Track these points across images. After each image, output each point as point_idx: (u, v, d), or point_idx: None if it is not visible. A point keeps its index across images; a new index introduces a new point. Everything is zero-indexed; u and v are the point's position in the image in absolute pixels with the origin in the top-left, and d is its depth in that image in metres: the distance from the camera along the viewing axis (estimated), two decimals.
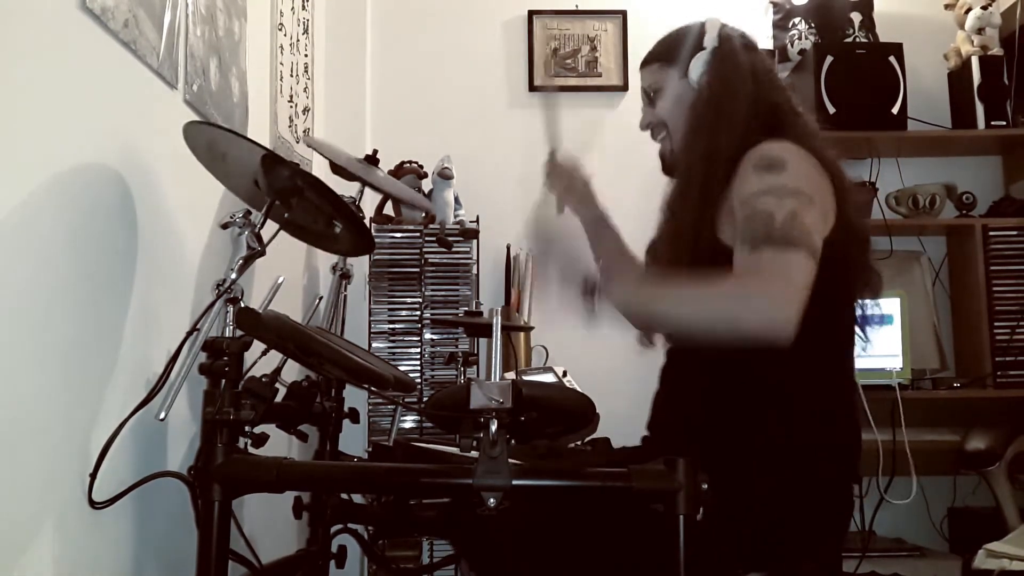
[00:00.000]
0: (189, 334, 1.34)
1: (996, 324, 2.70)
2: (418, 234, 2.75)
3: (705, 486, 1.14)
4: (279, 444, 1.51)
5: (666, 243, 1.44)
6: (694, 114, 1.42)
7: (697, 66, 1.43)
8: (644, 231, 1.54)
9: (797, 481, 1.28)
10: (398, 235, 2.75)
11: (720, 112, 1.38)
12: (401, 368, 2.55)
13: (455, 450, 1.57)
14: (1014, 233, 2.75)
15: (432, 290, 2.74)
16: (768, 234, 1.20)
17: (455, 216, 2.76)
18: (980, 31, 2.89)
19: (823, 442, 1.31)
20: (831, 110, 2.76)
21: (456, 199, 2.79)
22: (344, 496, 1.85)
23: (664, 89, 1.48)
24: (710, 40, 1.43)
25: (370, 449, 2.41)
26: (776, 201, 1.21)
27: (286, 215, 1.52)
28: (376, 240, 2.56)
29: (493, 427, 1.12)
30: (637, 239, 1.59)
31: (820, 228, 1.23)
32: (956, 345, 2.91)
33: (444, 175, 2.74)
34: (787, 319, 1.14)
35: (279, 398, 1.40)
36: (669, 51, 1.48)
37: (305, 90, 2.65)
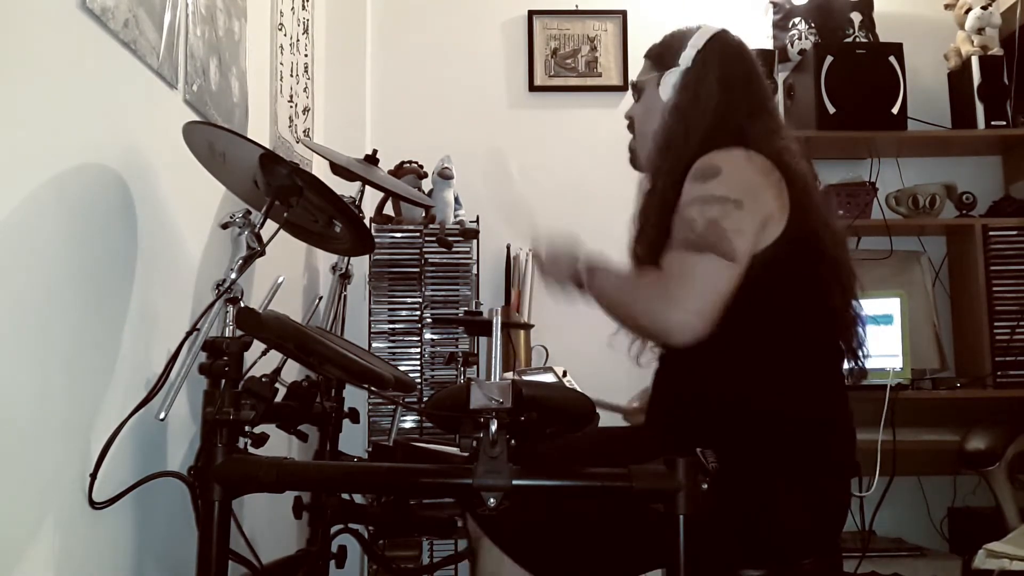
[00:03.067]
0: (189, 334, 1.34)
1: (996, 324, 2.70)
2: (418, 234, 2.75)
3: (705, 486, 1.14)
4: (279, 444, 1.51)
5: (643, 250, 1.46)
6: (660, 128, 1.46)
7: (666, 86, 1.47)
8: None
9: (792, 479, 1.28)
10: (398, 235, 2.75)
11: (672, 138, 1.42)
12: (401, 368, 2.55)
13: (455, 450, 1.57)
14: (1014, 233, 2.75)
15: (432, 290, 2.74)
16: (684, 238, 1.26)
17: (455, 216, 2.76)
18: (980, 31, 2.89)
19: (816, 440, 1.31)
20: (831, 110, 2.76)
21: (456, 199, 2.79)
22: (344, 496, 1.85)
23: (644, 91, 1.52)
24: (685, 58, 1.46)
25: (370, 449, 2.41)
26: (699, 209, 1.27)
27: (286, 215, 1.52)
28: (376, 240, 2.56)
29: (493, 427, 1.12)
30: None
31: (749, 231, 1.26)
32: (956, 345, 2.91)
33: (444, 175, 2.74)
34: (678, 320, 1.21)
35: (279, 398, 1.40)
36: (660, 53, 1.52)
37: (305, 90, 2.65)
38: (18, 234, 1.12)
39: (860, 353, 1.39)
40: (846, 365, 1.39)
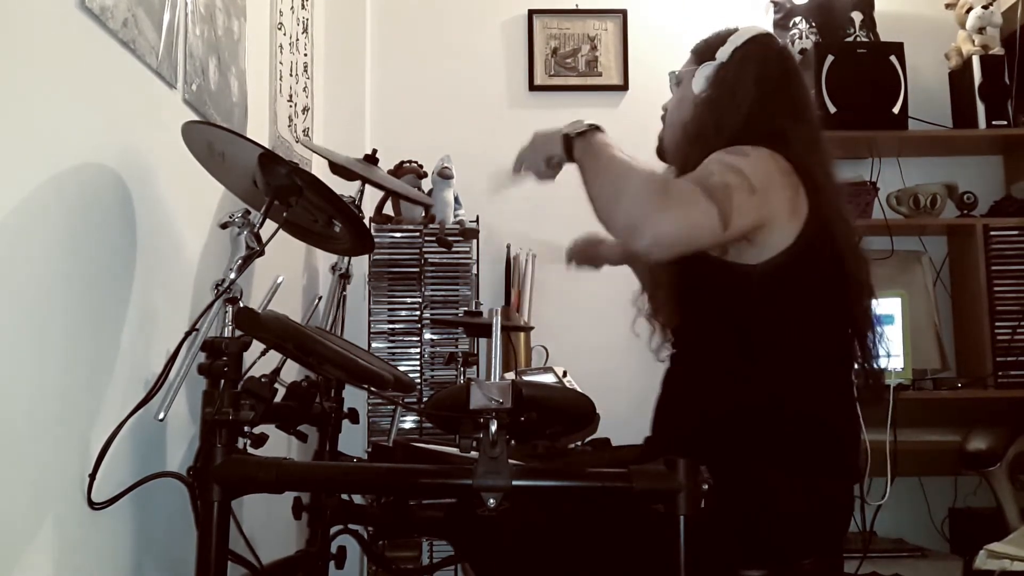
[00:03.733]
0: (188, 334, 1.33)
1: (997, 324, 2.70)
2: (418, 234, 2.74)
3: (706, 486, 1.14)
4: (279, 444, 1.51)
5: None
6: (691, 119, 1.44)
7: (700, 78, 1.46)
8: None
9: (796, 480, 1.28)
10: (398, 235, 2.75)
11: (702, 129, 1.40)
12: (401, 368, 2.55)
13: (455, 450, 1.57)
14: (1015, 233, 2.75)
15: (432, 290, 2.73)
16: (700, 178, 1.24)
17: (455, 216, 2.76)
18: (981, 30, 2.89)
19: (821, 442, 1.31)
20: (832, 110, 2.76)
21: (456, 199, 2.78)
22: (344, 497, 1.85)
23: (682, 81, 1.51)
24: (723, 53, 1.44)
25: (370, 449, 2.41)
26: (722, 169, 1.25)
27: (285, 215, 1.51)
28: (376, 240, 2.55)
29: (493, 427, 1.12)
30: None
31: (749, 215, 1.24)
32: (957, 345, 2.91)
33: (444, 175, 2.74)
34: (656, 231, 1.18)
35: (278, 398, 1.39)
36: (700, 49, 1.50)
37: (304, 89, 2.64)
38: (17, 234, 1.12)
39: (873, 357, 1.39)
40: (857, 367, 1.38)
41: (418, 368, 2.70)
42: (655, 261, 1.20)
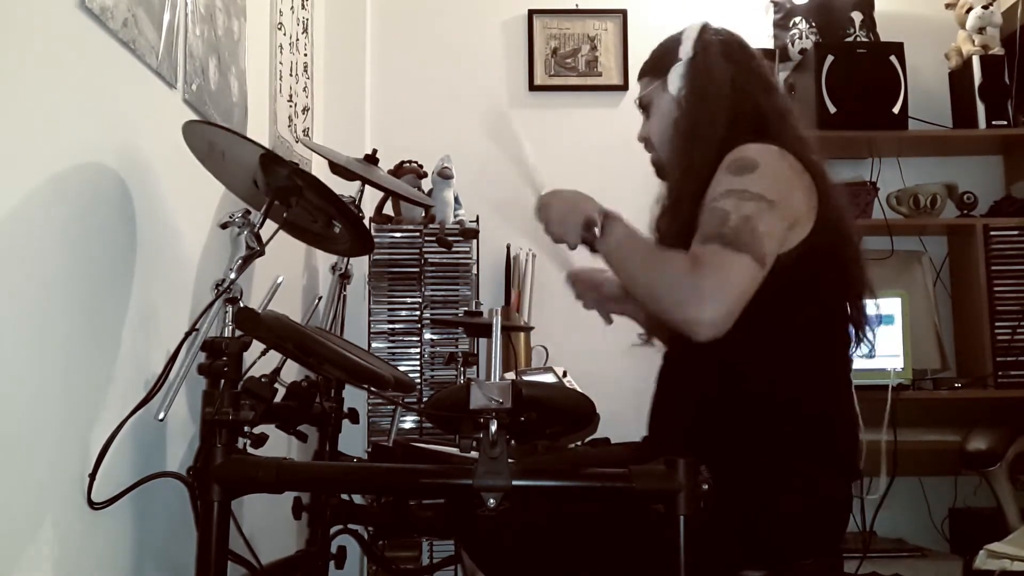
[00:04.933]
0: (188, 334, 1.33)
1: (997, 324, 2.70)
2: (418, 234, 2.74)
3: (706, 486, 1.14)
4: (279, 444, 1.51)
5: (666, 226, 1.45)
6: (675, 129, 1.44)
7: (674, 79, 1.45)
8: (644, 231, 1.53)
9: (795, 480, 1.28)
10: (398, 235, 2.75)
11: (697, 125, 1.40)
12: (401, 368, 2.55)
13: (455, 450, 1.57)
14: (1015, 233, 2.74)
15: (432, 290, 2.73)
16: (719, 232, 1.22)
17: (455, 216, 2.76)
18: (981, 30, 2.88)
19: (820, 441, 1.31)
20: (832, 110, 2.75)
21: (456, 199, 2.78)
22: (344, 497, 1.85)
23: (652, 103, 1.51)
24: (684, 51, 1.45)
25: (370, 449, 2.41)
26: (735, 203, 1.24)
27: (285, 215, 1.51)
28: (376, 240, 2.56)
29: (493, 427, 1.12)
30: None
31: (778, 234, 1.24)
32: (957, 345, 2.91)
33: (444, 175, 2.74)
34: (707, 317, 1.17)
35: (278, 398, 1.39)
36: (655, 63, 1.51)
37: (304, 89, 2.64)
38: (16, 234, 1.12)
39: (867, 338, 1.39)
40: (854, 348, 1.39)
41: (418, 368, 2.70)
42: (721, 335, 1.19)
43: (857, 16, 2.99)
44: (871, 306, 1.39)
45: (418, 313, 2.72)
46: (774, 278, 1.25)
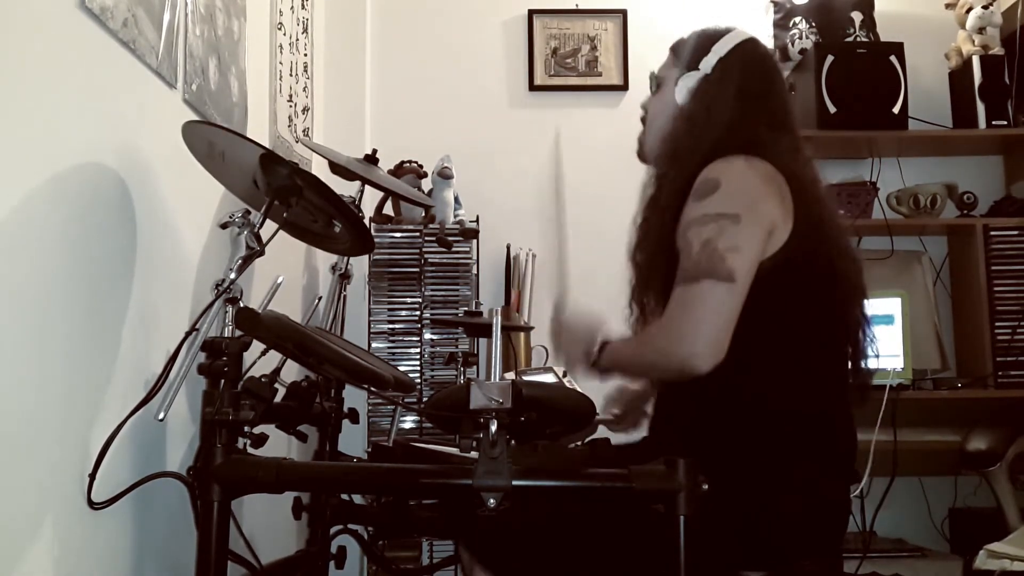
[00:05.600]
0: (188, 334, 1.33)
1: (997, 324, 2.70)
2: (418, 234, 2.74)
3: (706, 487, 1.14)
4: (279, 444, 1.51)
5: (643, 259, 1.45)
6: (670, 132, 1.44)
7: (685, 84, 1.44)
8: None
9: (795, 480, 1.28)
10: (398, 235, 2.75)
11: (691, 141, 1.39)
12: (401, 368, 2.55)
13: (455, 450, 1.57)
14: (1015, 233, 2.74)
15: (432, 290, 2.73)
16: (683, 271, 1.26)
17: (455, 216, 2.76)
18: (981, 30, 2.89)
19: (819, 441, 1.31)
20: (832, 110, 2.75)
21: (456, 199, 2.78)
22: (344, 496, 1.85)
23: (663, 84, 1.50)
24: (707, 64, 1.43)
25: (370, 449, 2.41)
26: (696, 231, 1.26)
27: (285, 215, 1.51)
28: (376, 240, 2.56)
29: (493, 427, 1.12)
30: None
31: (746, 244, 1.25)
32: (957, 345, 2.91)
33: (444, 175, 2.74)
34: (695, 351, 1.21)
35: (279, 398, 1.39)
36: (684, 50, 1.48)
37: (304, 89, 2.64)
38: (16, 234, 1.12)
39: (864, 357, 1.39)
40: (851, 367, 1.39)
41: (418, 368, 2.70)
42: (719, 361, 1.21)
43: (857, 16, 2.99)
44: (866, 304, 1.39)
45: (418, 313, 2.72)
46: (763, 283, 1.25)
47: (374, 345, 2.69)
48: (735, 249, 1.23)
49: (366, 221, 2.59)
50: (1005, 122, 2.81)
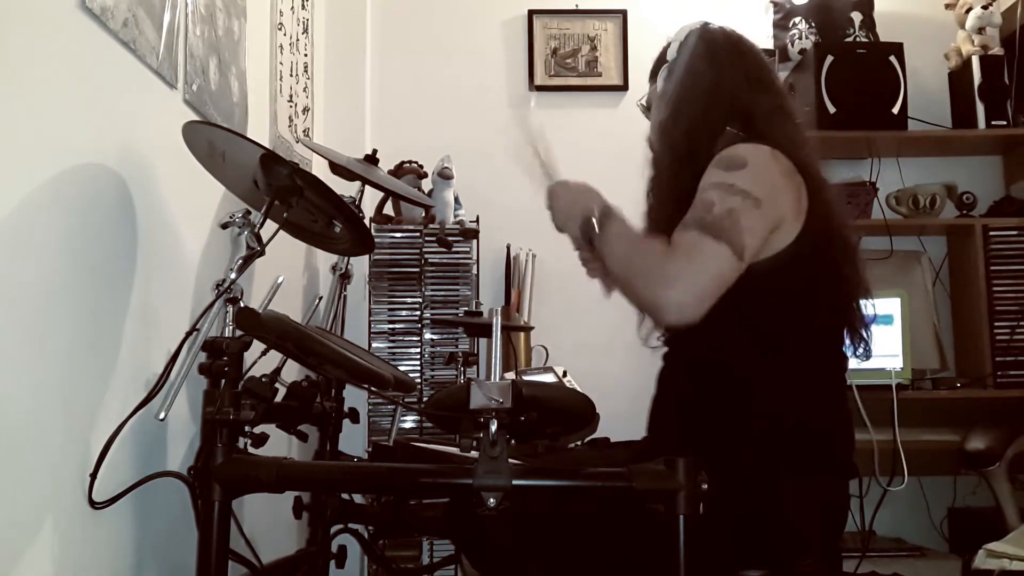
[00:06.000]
0: (189, 334, 1.34)
1: (996, 324, 2.70)
2: (418, 234, 2.74)
3: (705, 486, 1.14)
4: (279, 444, 1.51)
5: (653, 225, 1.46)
6: (658, 131, 1.46)
7: (659, 82, 1.48)
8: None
9: (794, 480, 1.28)
10: (398, 235, 2.75)
11: (671, 127, 1.41)
12: (401, 368, 2.55)
13: (455, 450, 1.57)
14: (1014, 233, 2.75)
15: (432, 290, 2.73)
16: (701, 219, 1.23)
17: (455, 216, 2.76)
18: (981, 31, 2.89)
19: (819, 442, 1.32)
20: (831, 110, 2.76)
21: (456, 199, 2.78)
22: (344, 496, 1.85)
23: (651, 104, 1.54)
24: (671, 52, 1.47)
25: (370, 449, 2.41)
26: (721, 195, 1.25)
27: (285, 215, 1.52)
28: (376, 240, 2.56)
29: (493, 427, 1.12)
30: None
31: (759, 232, 1.24)
32: (956, 345, 2.91)
33: (444, 175, 2.74)
34: (671, 299, 1.18)
35: (279, 398, 1.40)
36: (653, 67, 1.53)
37: (305, 90, 2.64)
38: (17, 234, 1.12)
39: (864, 341, 1.39)
40: (850, 350, 1.39)
41: (418, 368, 2.70)
42: (691, 320, 1.18)
43: (857, 16, 2.99)
44: (867, 307, 1.40)
45: (418, 313, 2.72)
46: (767, 280, 1.25)
47: (374, 345, 2.69)
48: (752, 231, 1.23)
49: (366, 221, 2.59)
50: (1004, 122, 2.82)
